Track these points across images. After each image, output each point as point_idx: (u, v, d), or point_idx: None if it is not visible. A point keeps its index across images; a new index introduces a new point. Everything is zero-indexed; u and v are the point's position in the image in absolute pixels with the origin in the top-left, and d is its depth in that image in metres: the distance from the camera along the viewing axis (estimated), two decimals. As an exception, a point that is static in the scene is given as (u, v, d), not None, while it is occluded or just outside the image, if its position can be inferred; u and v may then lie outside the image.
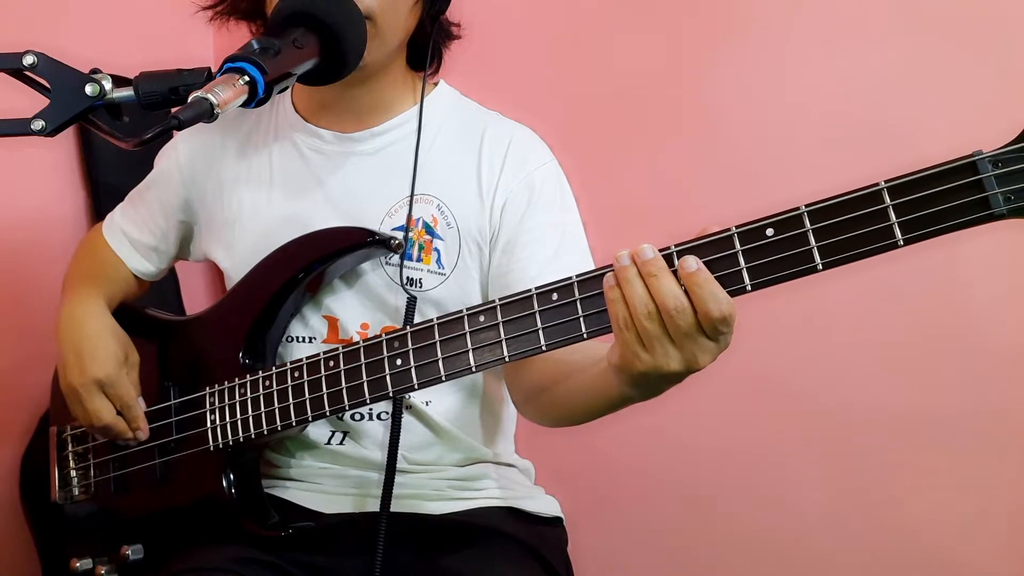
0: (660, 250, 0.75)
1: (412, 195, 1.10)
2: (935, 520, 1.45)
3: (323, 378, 0.98)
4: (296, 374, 1.01)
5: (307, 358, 1.00)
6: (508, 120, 1.19)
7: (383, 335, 0.93)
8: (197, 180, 1.22)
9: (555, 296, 0.80)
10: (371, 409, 1.12)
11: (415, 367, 0.90)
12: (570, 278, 0.80)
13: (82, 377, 1.12)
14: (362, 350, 0.95)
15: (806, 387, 1.51)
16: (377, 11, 1.01)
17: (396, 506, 1.08)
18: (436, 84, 1.21)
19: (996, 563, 1.41)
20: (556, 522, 1.21)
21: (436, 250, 1.11)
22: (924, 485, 1.46)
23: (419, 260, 1.11)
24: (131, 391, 1.13)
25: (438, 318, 0.88)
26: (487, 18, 1.47)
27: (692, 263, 0.72)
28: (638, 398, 0.82)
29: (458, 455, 1.17)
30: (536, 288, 0.82)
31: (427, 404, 1.13)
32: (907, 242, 0.66)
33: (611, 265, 0.77)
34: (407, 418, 1.12)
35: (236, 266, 1.16)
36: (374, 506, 1.08)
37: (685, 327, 0.71)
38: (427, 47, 1.15)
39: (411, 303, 1.08)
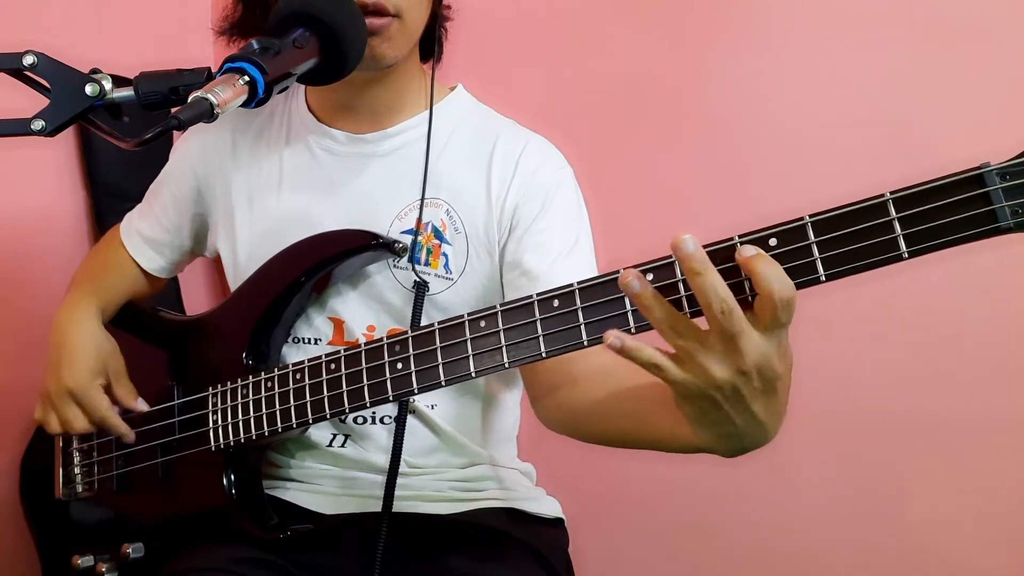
0: (661, 259, 0.74)
1: (423, 199, 1.10)
2: (936, 521, 1.45)
3: (324, 381, 0.97)
4: (298, 376, 1.00)
5: (308, 360, 1.00)
6: (523, 128, 1.17)
7: (384, 339, 0.93)
8: (209, 175, 1.21)
9: (556, 303, 0.80)
10: (374, 413, 1.12)
11: (416, 371, 0.89)
12: (571, 285, 0.79)
13: (56, 385, 1.13)
14: (363, 354, 0.94)
15: (806, 388, 1.47)
16: (405, 8, 1.02)
17: (397, 507, 1.08)
18: (453, 88, 1.20)
19: (997, 564, 1.41)
20: (557, 523, 1.21)
21: (444, 255, 1.10)
22: (925, 486, 1.46)
23: (427, 264, 1.10)
24: (101, 403, 1.13)
25: (439, 323, 0.88)
26: (486, 21, 1.47)
27: (751, 248, 0.67)
28: (715, 446, 0.78)
29: (461, 459, 1.16)
30: (537, 294, 0.81)
31: (432, 408, 1.13)
32: (912, 255, 0.65)
33: (615, 272, 0.76)
34: (411, 422, 1.12)
35: (241, 265, 1.16)
36: (375, 508, 1.08)
37: (729, 327, 0.66)
38: (433, 39, 1.15)
39: (419, 293, 1.06)
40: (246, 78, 0.84)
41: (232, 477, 1.08)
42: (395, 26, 1.01)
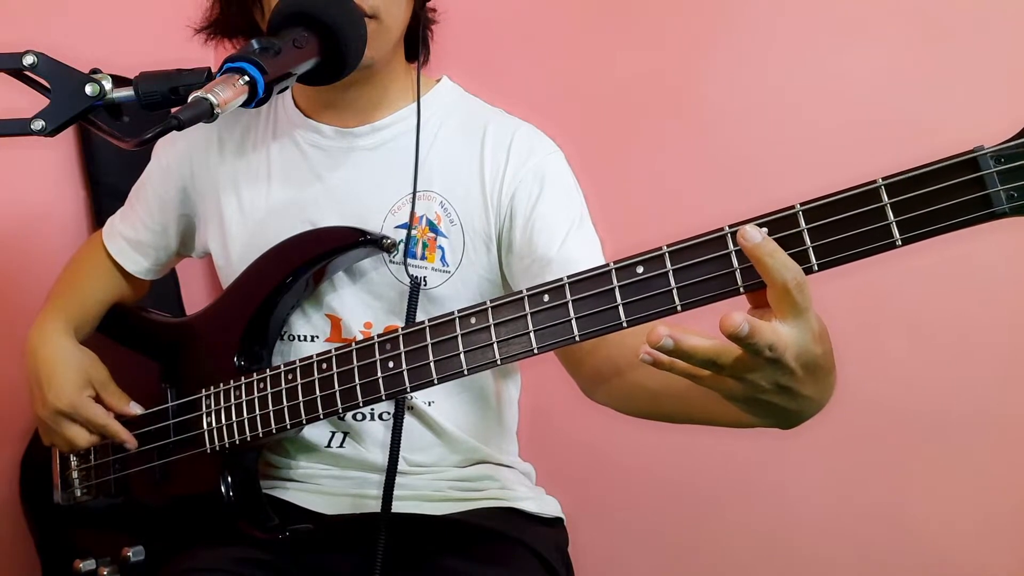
0: (650, 251, 0.73)
1: (415, 192, 1.09)
2: (936, 521, 1.44)
3: (316, 381, 0.96)
4: (289, 376, 0.99)
5: (300, 360, 0.99)
6: (511, 116, 1.17)
7: (375, 337, 0.92)
8: (196, 174, 1.21)
9: (546, 298, 0.78)
10: (372, 409, 1.11)
11: (407, 370, 0.88)
12: (561, 279, 0.77)
13: (45, 409, 1.13)
14: (354, 353, 0.93)
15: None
16: (382, 9, 1.01)
17: (397, 507, 1.07)
18: (439, 80, 1.19)
19: (998, 565, 1.40)
20: (557, 522, 1.20)
21: (440, 248, 1.10)
22: (925, 486, 1.45)
23: (423, 258, 1.09)
24: (98, 413, 1.12)
25: (430, 320, 0.87)
26: (484, 20, 1.47)
27: (755, 233, 0.64)
28: (770, 425, 0.75)
29: (458, 456, 1.16)
30: (527, 289, 0.80)
31: (429, 404, 1.12)
32: (905, 242, 0.63)
33: (604, 265, 0.75)
34: (408, 419, 1.11)
35: (234, 263, 1.16)
36: (374, 508, 1.07)
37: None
38: (417, 39, 1.15)
39: (414, 291, 1.06)
40: (246, 78, 0.84)
41: (229, 479, 1.07)
42: (372, 27, 1.00)
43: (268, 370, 1.02)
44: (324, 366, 0.96)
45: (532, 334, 0.79)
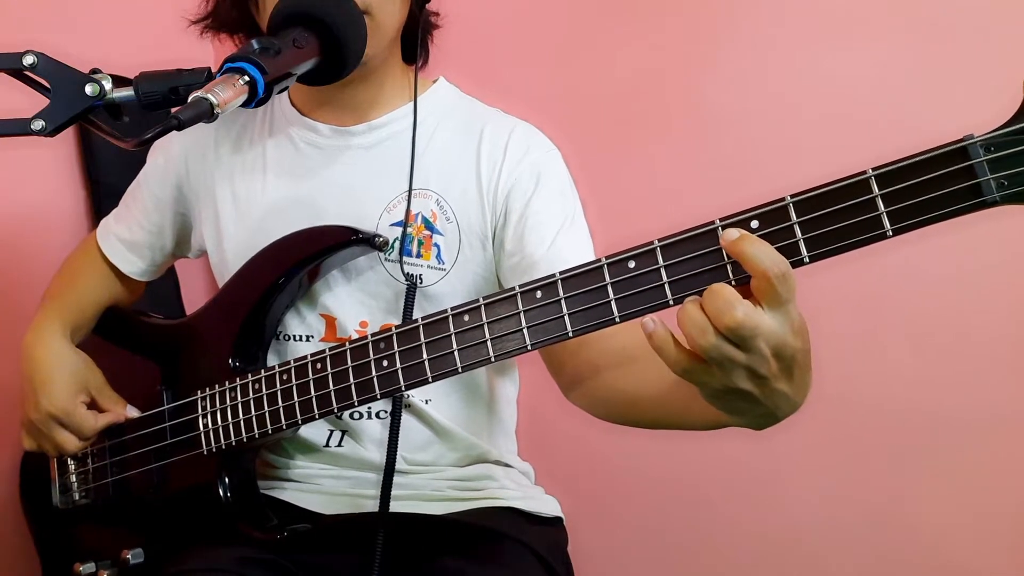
0: (641, 246, 0.72)
1: (410, 190, 1.09)
2: (935, 522, 1.44)
3: (311, 381, 0.96)
4: (284, 377, 0.99)
5: (295, 360, 0.99)
6: (509, 116, 1.17)
7: (369, 336, 0.92)
8: (191, 172, 1.21)
9: (539, 294, 0.78)
10: (370, 408, 1.11)
11: (401, 368, 0.88)
12: (553, 276, 0.77)
13: (37, 412, 1.13)
14: (348, 352, 0.93)
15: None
16: (374, 5, 1.01)
17: (396, 507, 1.07)
18: (435, 81, 1.20)
19: (998, 565, 1.39)
20: (556, 522, 1.20)
21: (436, 245, 1.09)
22: (924, 486, 1.45)
23: (419, 256, 1.09)
24: (87, 422, 1.13)
25: (423, 318, 0.86)
26: (484, 20, 1.48)
27: (734, 231, 0.65)
28: (746, 425, 0.75)
29: (457, 454, 1.15)
30: (520, 286, 0.79)
31: (427, 403, 1.12)
32: (896, 232, 0.63)
33: (596, 260, 0.75)
34: (406, 417, 1.11)
35: (228, 262, 1.16)
36: (373, 507, 1.07)
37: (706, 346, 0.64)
38: (416, 42, 1.15)
39: (410, 290, 1.06)
40: (246, 78, 0.84)
41: (227, 480, 1.07)
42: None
43: (263, 371, 1.02)
44: (319, 366, 0.96)
45: (525, 331, 0.79)
